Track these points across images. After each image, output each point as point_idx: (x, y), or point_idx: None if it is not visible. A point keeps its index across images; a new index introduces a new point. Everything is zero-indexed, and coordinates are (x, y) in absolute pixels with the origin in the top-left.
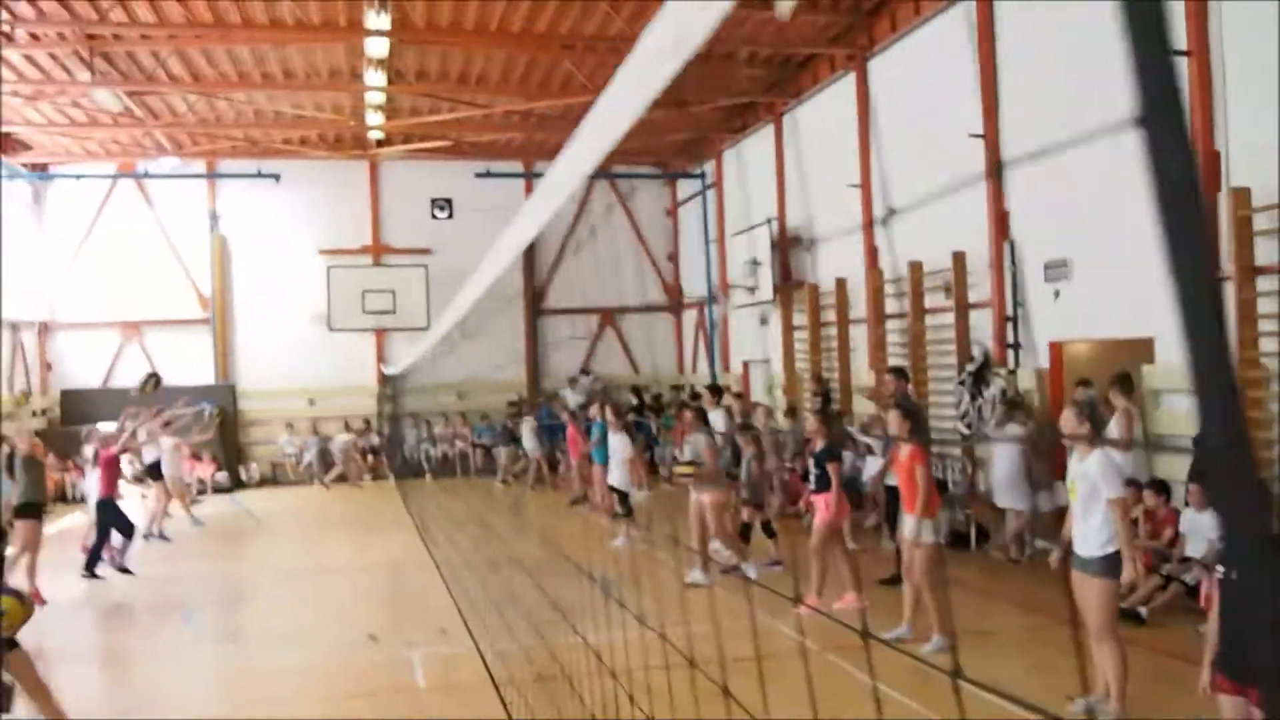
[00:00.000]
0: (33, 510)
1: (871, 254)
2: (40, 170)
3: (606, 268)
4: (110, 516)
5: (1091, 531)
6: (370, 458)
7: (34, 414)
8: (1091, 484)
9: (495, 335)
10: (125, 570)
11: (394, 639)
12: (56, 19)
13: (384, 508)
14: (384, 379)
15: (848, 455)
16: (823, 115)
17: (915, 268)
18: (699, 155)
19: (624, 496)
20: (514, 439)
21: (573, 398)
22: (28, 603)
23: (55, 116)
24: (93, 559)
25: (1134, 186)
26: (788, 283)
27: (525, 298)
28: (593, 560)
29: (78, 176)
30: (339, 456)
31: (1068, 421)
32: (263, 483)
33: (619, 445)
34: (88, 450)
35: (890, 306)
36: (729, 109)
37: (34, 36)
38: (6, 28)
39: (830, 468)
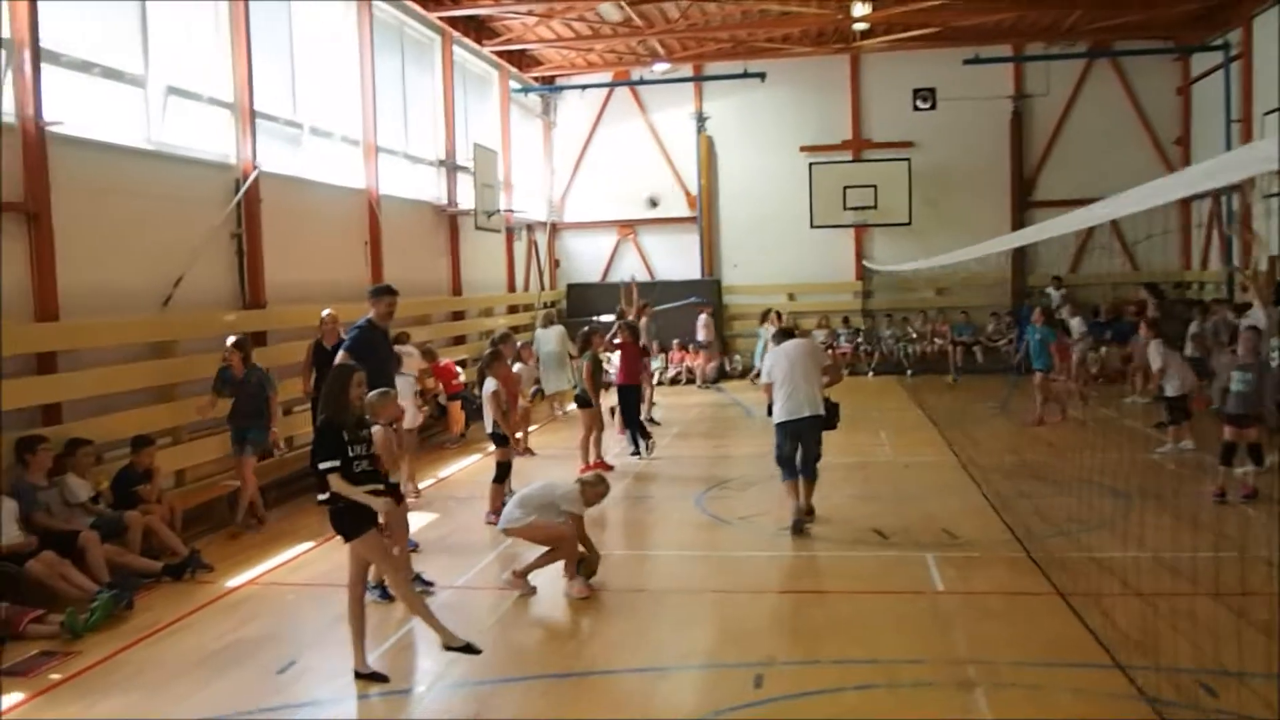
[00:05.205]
0: (588, 403)
1: None
2: (549, 83)
3: (1102, 156)
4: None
5: None
6: (847, 354)
7: (545, 306)
8: None
9: (977, 228)
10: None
11: (903, 539)
12: None
13: (868, 404)
14: (864, 274)
15: None
16: None
17: None
18: (1221, 24)
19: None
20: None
21: (1056, 297)
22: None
23: (563, 31)
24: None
25: None
26: None
27: (1011, 188)
28: (1107, 470)
29: (582, 87)
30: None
31: None
32: (744, 374)
33: None
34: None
35: None
36: None
37: None
38: None
39: None
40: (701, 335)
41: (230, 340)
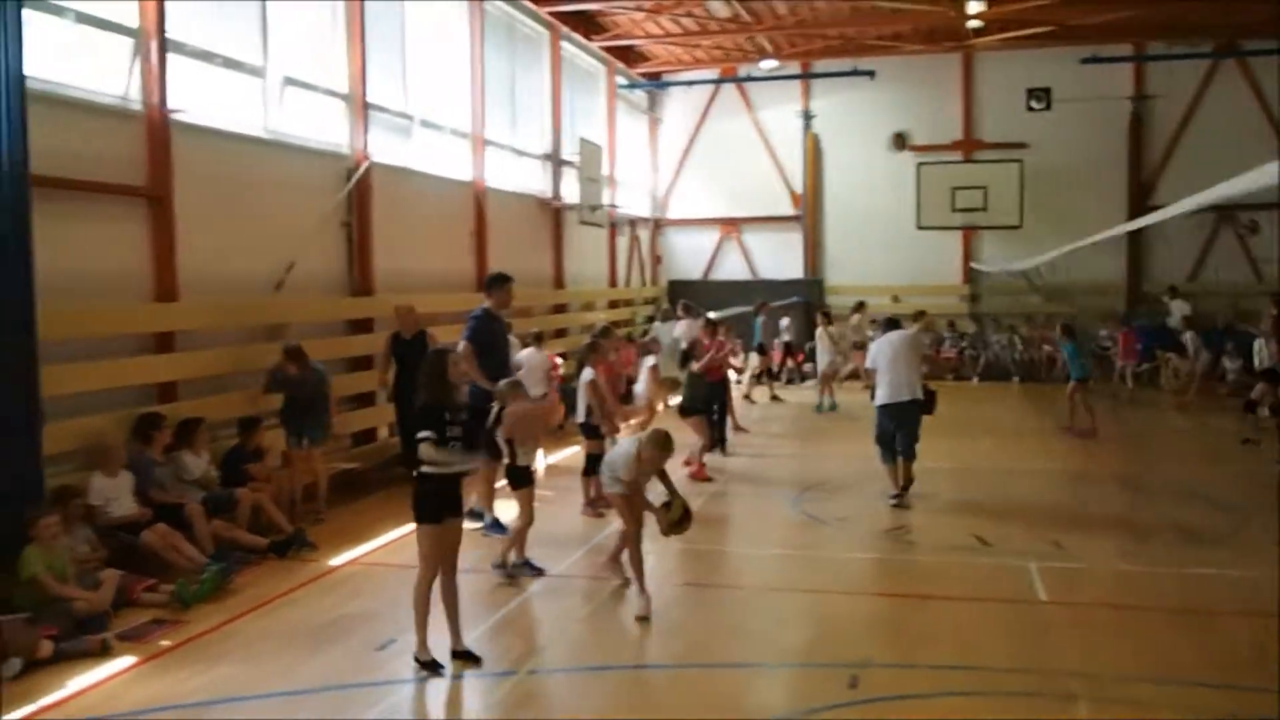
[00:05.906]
0: (693, 411)
1: None
2: (655, 79)
3: (1228, 160)
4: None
5: None
6: (953, 359)
7: (645, 302)
8: None
9: (1092, 233)
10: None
11: (1006, 547)
12: None
13: (974, 410)
14: (971, 277)
15: None
16: None
17: None
18: None
19: None
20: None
21: (1177, 307)
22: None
23: (670, 27)
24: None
25: None
26: None
27: (1129, 192)
28: (1224, 483)
29: (688, 83)
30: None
31: None
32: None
33: None
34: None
35: None
36: None
37: None
38: None
39: None
40: (853, 336)
41: (283, 347)
